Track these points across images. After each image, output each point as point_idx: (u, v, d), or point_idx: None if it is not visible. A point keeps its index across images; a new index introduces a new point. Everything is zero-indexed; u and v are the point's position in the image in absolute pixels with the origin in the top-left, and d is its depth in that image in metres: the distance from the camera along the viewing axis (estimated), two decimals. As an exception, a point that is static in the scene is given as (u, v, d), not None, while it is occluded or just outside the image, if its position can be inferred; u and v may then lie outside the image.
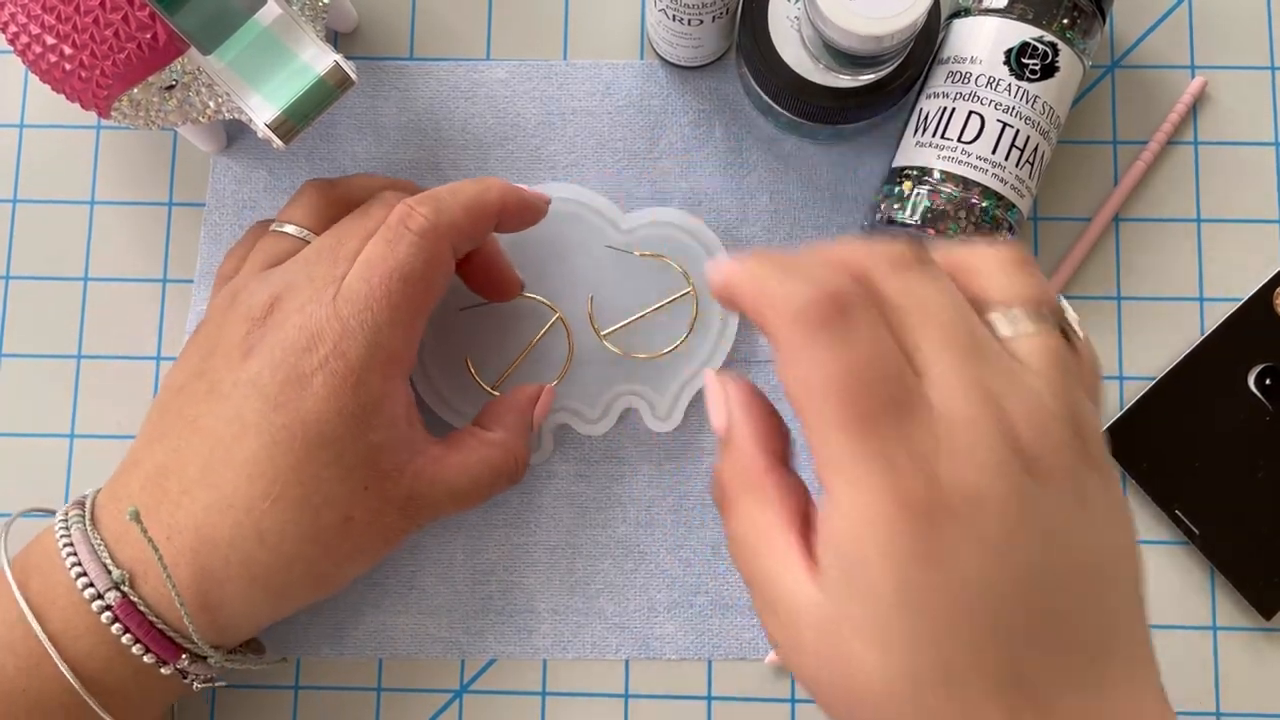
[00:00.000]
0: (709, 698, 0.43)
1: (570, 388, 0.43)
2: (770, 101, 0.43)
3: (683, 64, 0.45)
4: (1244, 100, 0.46)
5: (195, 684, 0.37)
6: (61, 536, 0.36)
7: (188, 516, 0.35)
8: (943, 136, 0.40)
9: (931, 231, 0.40)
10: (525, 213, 0.40)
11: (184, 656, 0.36)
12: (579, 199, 0.44)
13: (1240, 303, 0.44)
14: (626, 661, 0.43)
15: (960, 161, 0.40)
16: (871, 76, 0.40)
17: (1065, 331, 0.26)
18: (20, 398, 0.45)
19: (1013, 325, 0.26)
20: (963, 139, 0.40)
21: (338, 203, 0.40)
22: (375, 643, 0.43)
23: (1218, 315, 0.44)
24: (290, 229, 0.40)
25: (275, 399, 0.35)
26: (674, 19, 0.42)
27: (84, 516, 0.36)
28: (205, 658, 0.36)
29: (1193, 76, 0.46)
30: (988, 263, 0.26)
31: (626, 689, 0.43)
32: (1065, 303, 0.26)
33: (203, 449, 0.35)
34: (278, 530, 0.35)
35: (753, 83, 0.43)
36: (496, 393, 0.43)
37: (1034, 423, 0.24)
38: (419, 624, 0.43)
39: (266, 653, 0.42)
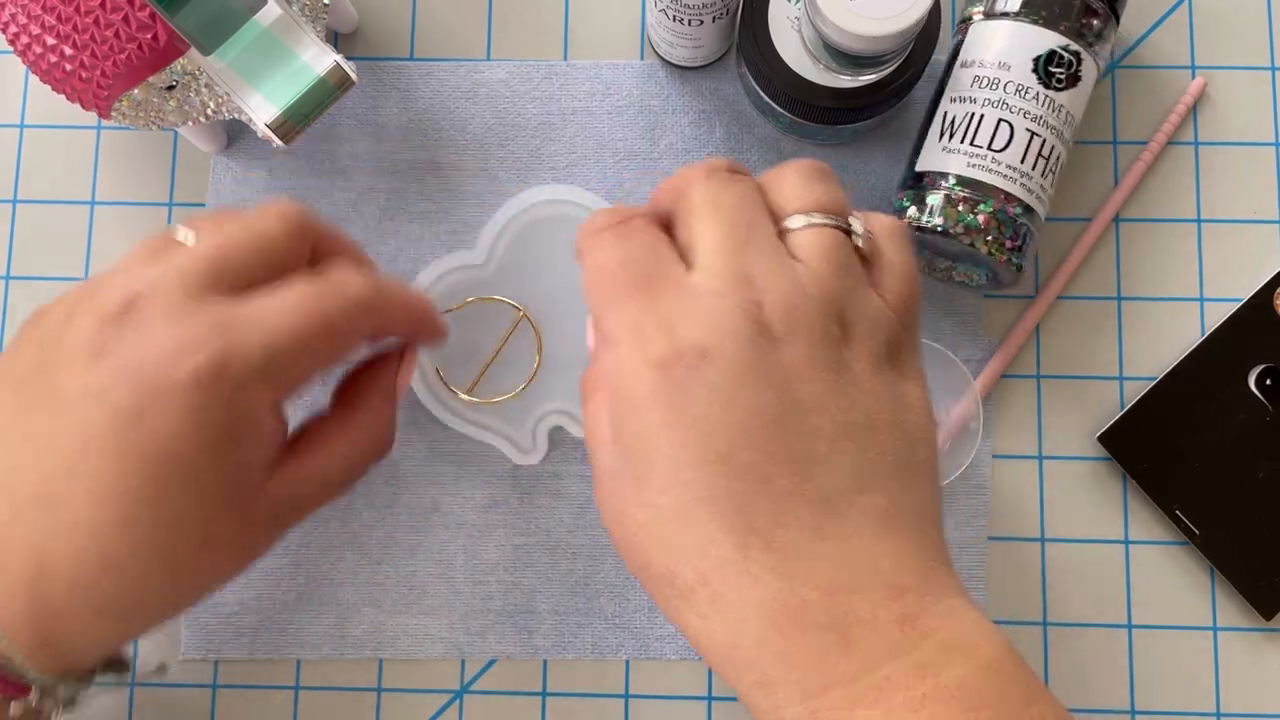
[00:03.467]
0: (709, 698, 0.43)
1: (566, 389, 0.43)
2: (770, 101, 0.43)
3: (683, 64, 0.45)
4: (1244, 100, 0.46)
5: (55, 714, 0.33)
6: None
7: (22, 543, 0.31)
8: (972, 143, 0.40)
9: (964, 240, 0.40)
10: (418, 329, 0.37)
11: (31, 693, 0.32)
12: (579, 200, 0.44)
13: (1240, 303, 0.44)
14: (626, 661, 0.43)
15: (990, 170, 0.40)
16: (872, 76, 0.40)
17: (850, 233, 0.31)
18: (20, 398, 0.45)
19: (793, 223, 0.30)
20: (992, 147, 0.40)
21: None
22: (375, 643, 0.43)
23: (1218, 315, 0.44)
24: (181, 235, 0.34)
25: (129, 411, 0.30)
26: (674, 19, 0.42)
27: None
28: (54, 687, 0.33)
29: (1193, 76, 0.46)
30: (788, 174, 0.31)
31: (626, 689, 0.43)
32: (862, 213, 0.31)
33: (40, 464, 0.31)
34: (127, 556, 0.31)
35: (753, 83, 0.43)
36: (471, 398, 0.43)
37: (783, 301, 0.29)
38: (419, 624, 0.43)
39: (131, 667, 0.38)
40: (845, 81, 0.40)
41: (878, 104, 0.41)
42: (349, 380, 0.38)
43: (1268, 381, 0.43)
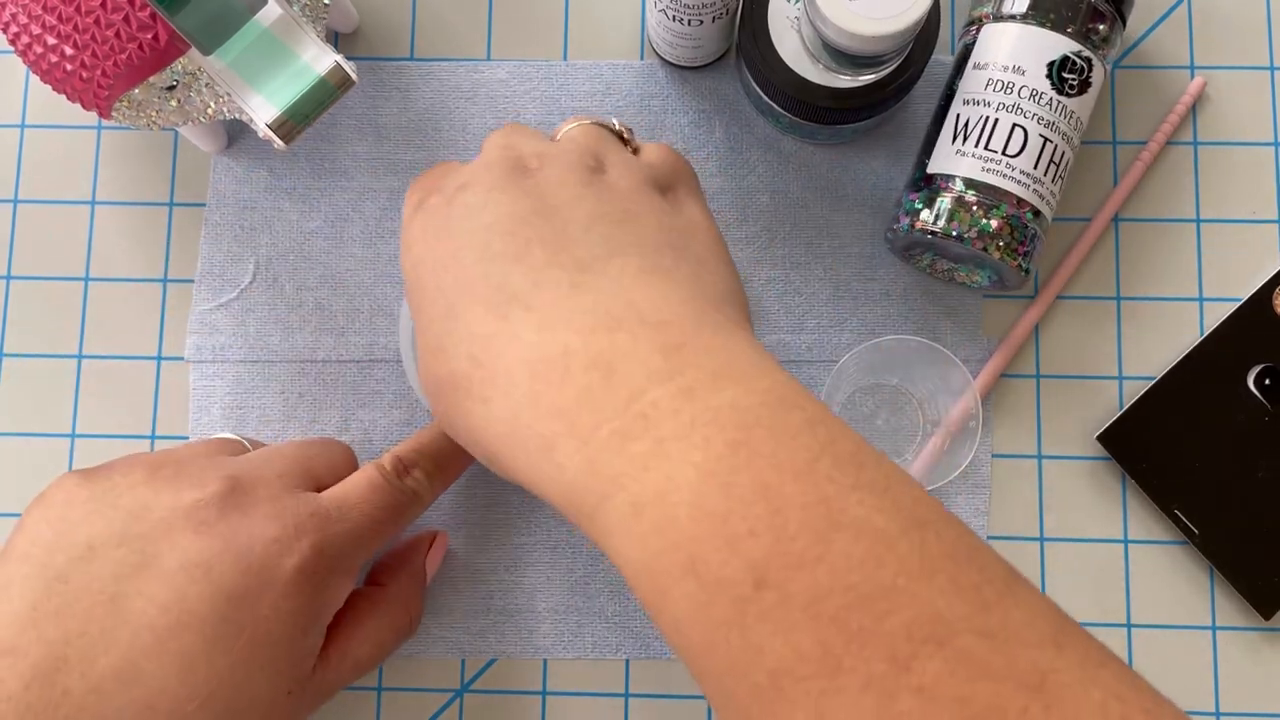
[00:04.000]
0: (709, 697, 0.43)
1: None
2: (770, 101, 0.43)
3: (683, 64, 0.45)
4: (1244, 100, 0.46)
5: None
6: None
7: (92, 717, 0.30)
8: (986, 147, 0.40)
9: (977, 245, 0.40)
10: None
11: None
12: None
13: (1240, 303, 0.44)
14: (626, 661, 0.43)
15: (1004, 175, 0.40)
16: (871, 76, 0.40)
17: (616, 131, 0.36)
18: (20, 398, 0.45)
19: (562, 129, 0.35)
20: (1007, 152, 0.40)
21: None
22: (376, 642, 0.43)
23: (1218, 315, 0.44)
24: (242, 439, 0.39)
25: (230, 590, 0.31)
26: (674, 19, 0.42)
27: None
28: None
29: (1192, 76, 0.46)
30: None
31: (626, 689, 0.43)
32: (616, 122, 0.36)
33: (123, 638, 0.30)
34: None
35: (753, 83, 0.43)
36: None
37: (538, 149, 0.33)
38: (419, 624, 0.43)
39: None
40: (845, 81, 0.40)
41: (877, 104, 0.41)
42: (382, 560, 0.41)
43: (1267, 381, 0.43)
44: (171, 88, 0.39)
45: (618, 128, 0.36)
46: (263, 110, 0.37)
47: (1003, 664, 0.22)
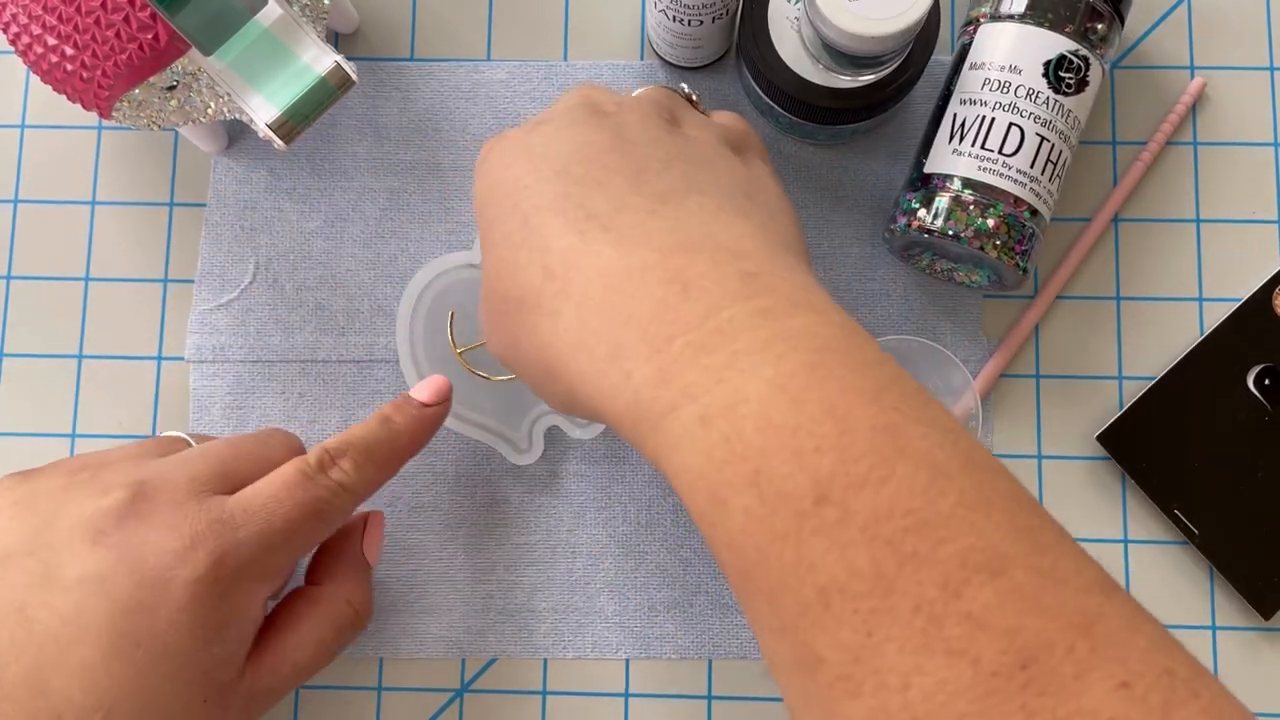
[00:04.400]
0: (709, 697, 0.43)
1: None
2: (770, 101, 0.43)
3: (683, 65, 0.45)
4: (1243, 101, 0.46)
5: None
6: None
7: None
8: (983, 147, 0.40)
9: (974, 244, 0.40)
10: (426, 436, 0.39)
11: None
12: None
13: (1240, 303, 0.44)
14: (626, 661, 0.43)
15: (1001, 174, 0.40)
16: (871, 77, 0.40)
17: (686, 95, 0.37)
18: (20, 398, 0.45)
19: (634, 92, 0.36)
20: (1003, 151, 0.40)
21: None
22: (375, 643, 0.43)
23: (1217, 315, 0.44)
24: (187, 437, 0.38)
25: (127, 604, 0.31)
26: (674, 20, 0.42)
27: None
28: None
29: (1192, 76, 0.46)
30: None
31: (626, 689, 0.43)
32: (686, 87, 0.38)
33: (30, 648, 0.31)
34: None
35: (753, 83, 0.43)
36: (491, 378, 0.42)
37: (616, 99, 0.34)
38: (419, 624, 0.43)
39: None
40: (844, 81, 0.40)
41: (877, 104, 0.41)
42: (317, 556, 0.39)
43: (1266, 381, 0.43)
44: (172, 88, 0.39)
45: (687, 91, 0.37)
46: (263, 110, 0.37)
47: (1053, 602, 0.23)
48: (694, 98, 0.37)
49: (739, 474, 0.25)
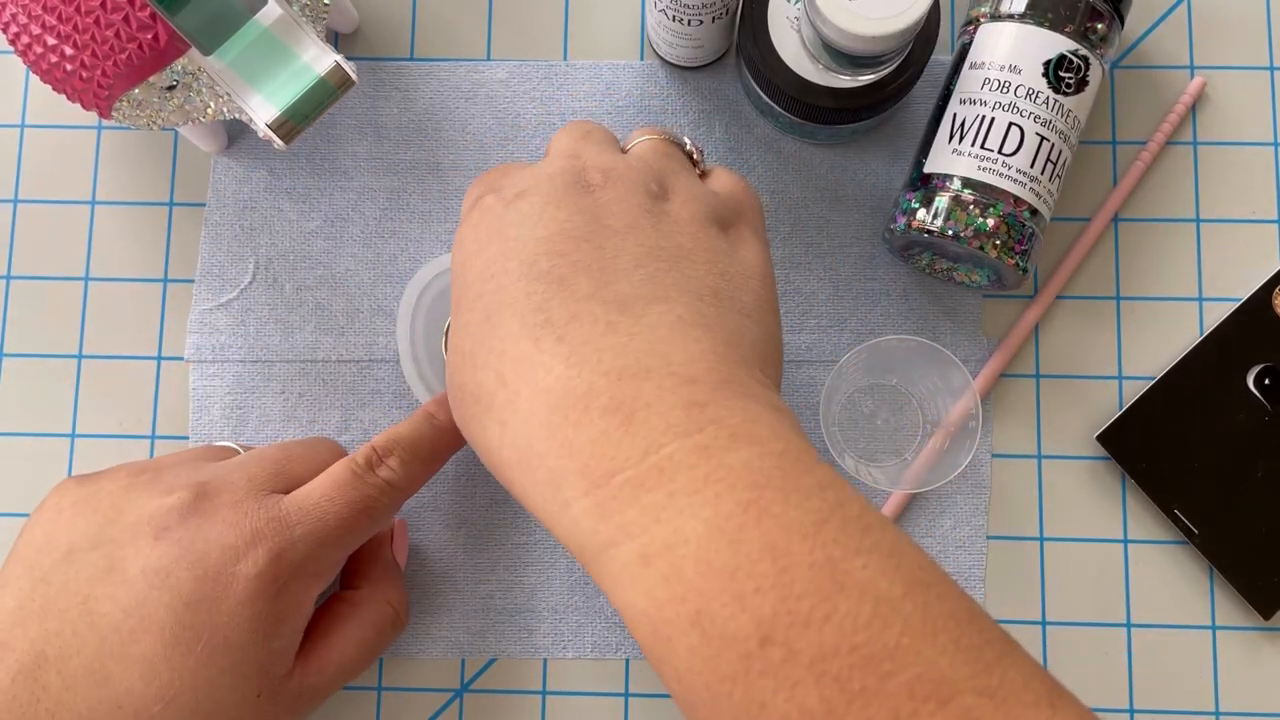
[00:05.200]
0: (709, 697, 0.43)
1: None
2: (770, 101, 0.43)
3: (683, 64, 0.45)
4: (1243, 100, 0.46)
5: None
6: None
7: (71, 717, 0.32)
8: (983, 146, 0.40)
9: (974, 244, 0.40)
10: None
11: None
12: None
13: (1240, 303, 0.44)
14: (626, 661, 0.43)
15: (1000, 174, 0.40)
16: (871, 77, 0.40)
17: (687, 152, 0.36)
18: (20, 398, 0.45)
19: (632, 142, 0.35)
20: (1003, 151, 0.40)
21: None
22: (375, 642, 0.43)
23: (1217, 315, 0.44)
24: (237, 446, 0.39)
25: (189, 598, 0.32)
26: (674, 19, 0.42)
27: None
28: None
29: (1192, 76, 0.46)
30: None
31: (626, 688, 0.43)
32: (689, 142, 0.36)
33: (93, 639, 0.32)
34: None
35: (753, 83, 0.43)
36: None
37: (603, 164, 0.33)
38: (419, 624, 0.43)
39: None
40: (844, 81, 0.40)
41: (877, 104, 0.41)
42: (351, 561, 0.40)
43: (1266, 381, 0.43)
44: (171, 88, 0.39)
45: (689, 148, 0.36)
46: (263, 110, 0.37)
47: None
48: (695, 156, 0.36)
49: (681, 614, 0.25)
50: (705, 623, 0.25)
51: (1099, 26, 0.41)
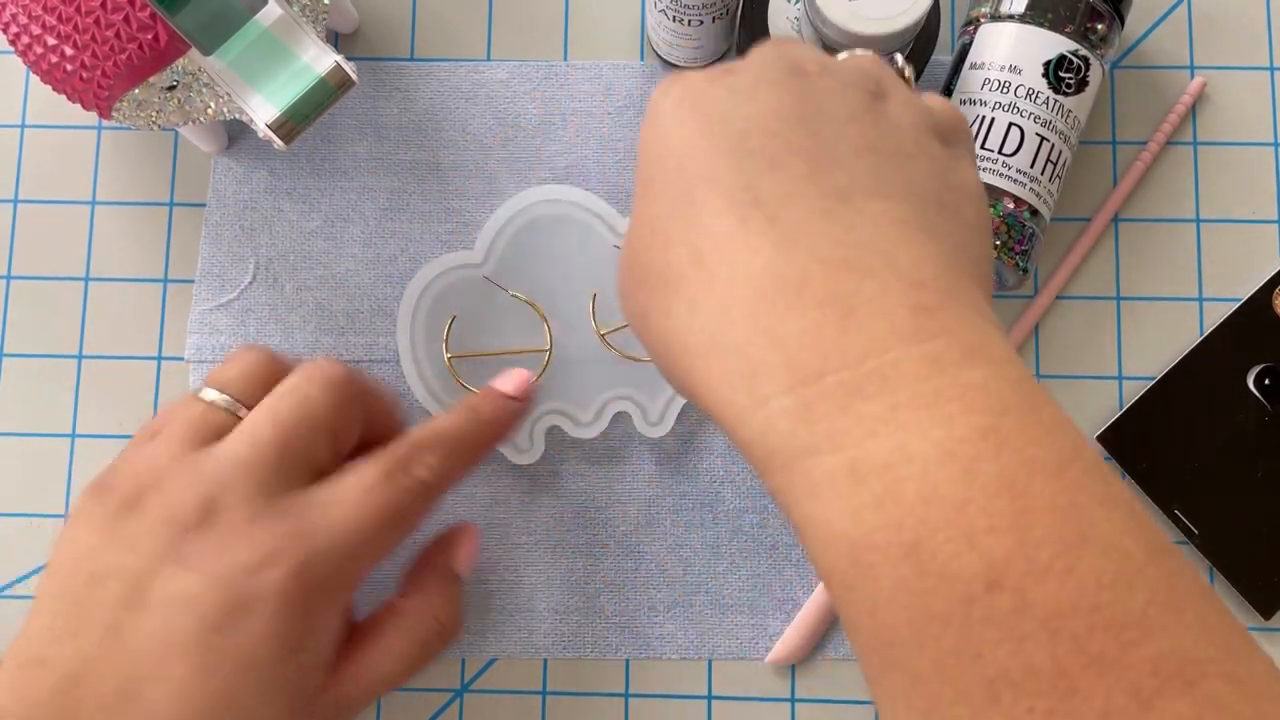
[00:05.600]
0: (709, 697, 0.43)
1: (564, 389, 0.43)
2: (770, 102, 0.43)
3: (683, 65, 0.45)
4: (1243, 100, 0.46)
5: None
6: None
7: None
8: (983, 146, 0.40)
9: None
10: (507, 431, 0.37)
11: None
12: (578, 200, 0.44)
13: (1240, 303, 0.44)
14: (626, 661, 0.43)
15: (1001, 174, 0.40)
16: (871, 77, 0.40)
17: (899, 69, 0.33)
18: (20, 398, 0.45)
19: (841, 56, 0.32)
20: (1003, 151, 0.40)
21: (277, 375, 0.35)
22: (376, 642, 0.43)
23: (1217, 315, 0.44)
24: (217, 398, 0.35)
25: (214, 622, 0.31)
26: (674, 20, 0.42)
27: None
28: None
29: (1192, 76, 0.46)
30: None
31: (626, 689, 0.43)
32: (900, 59, 0.33)
33: (124, 663, 0.31)
34: None
35: (753, 83, 0.43)
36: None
37: (819, 59, 0.30)
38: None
39: None
40: (845, 82, 0.40)
41: (877, 104, 0.41)
42: (410, 569, 0.38)
43: (1266, 381, 0.43)
44: (171, 88, 0.39)
45: (900, 65, 0.33)
46: (263, 110, 0.37)
47: (1251, 714, 0.21)
48: (907, 73, 0.32)
49: (893, 542, 0.23)
50: (924, 556, 0.22)
51: (1099, 27, 0.41)
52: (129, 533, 0.33)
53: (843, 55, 0.32)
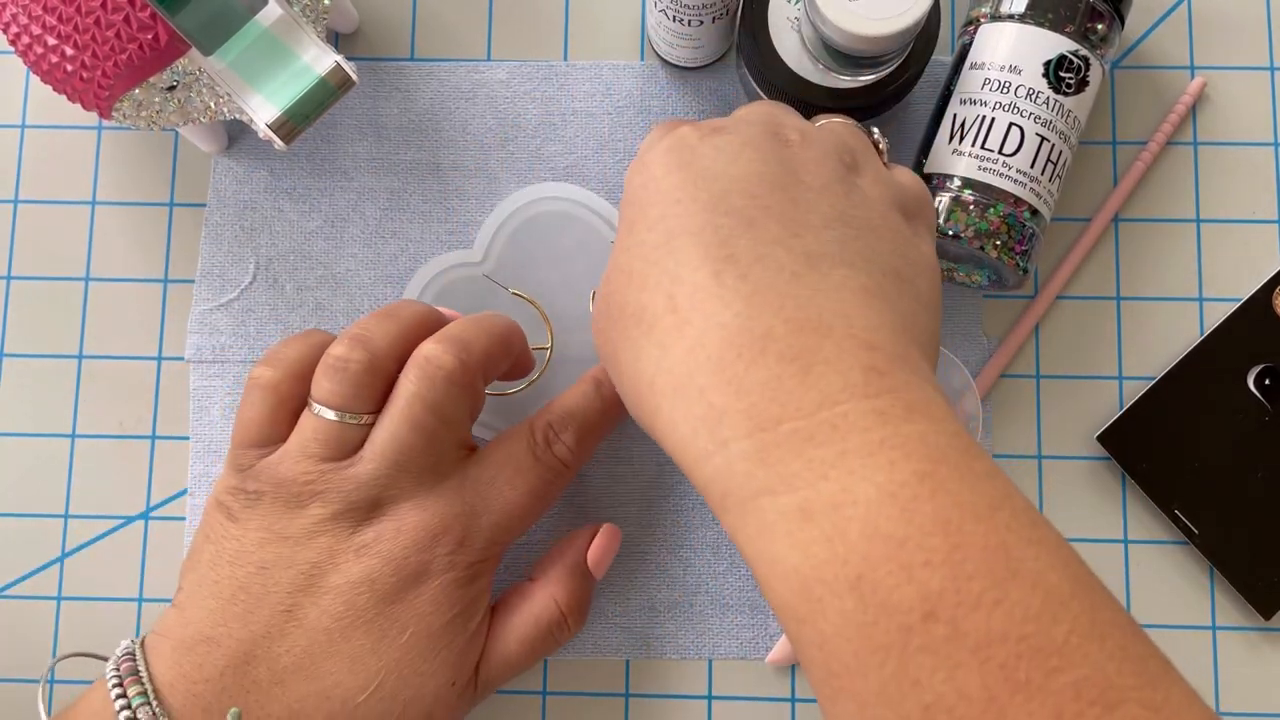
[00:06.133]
0: (709, 697, 0.43)
1: (565, 388, 0.43)
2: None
3: (683, 65, 0.45)
4: (1243, 100, 0.46)
5: None
6: (123, 714, 0.32)
7: (280, 708, 0.33)
8: (983, 147, 0.40)
9: (974, 244, 0.40)
10: (624, 416, 0.38)
11: None
12: (577, 198, 0.44)
13: (1240, 303, 0.44)
14: (627, 661, 0.43)
15: (1000, 174, 0.40)
16: (871, 77, 0.40)
17: (874, 141, 0.36)
18: (20, 398, 0.45)
19: (819, 120, 0.35)
20: (1003, 151, 0.40)
21: (376, 371, 0.36)
22: (376, 642, 0.43)
23: (1217, 315, 0.44)
24: (333, 415, 0.35)
25: (392, 596, 0.34)
26: (674, 20, 0.42)
27: (147, 696, 0.32)
28: None
29: (1192, 76, 0.46)
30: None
31: (626, 689, 0.43)
32: (876, 132, 0.36)
33: (301, 639, 0.33)
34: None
35: (753, 83, 0.43)
36: (488, 391, 0.42)
37: (800, 127, 0.33)
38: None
39: None
40: (845, 81, 0.40)
41: (877, 104, 0.41)
42: (543, 556, 0.40)
43: (1266, 381, 0.43)
44: (172, 88, 0.39)
45: (876, 137, 0.35)
46: (263, 110, 0.37)
47: None
48: (881, 145, 0.35)
49: (840, 576, 0.24)
50: (866, 589, 0.24)
51: (1099, 27, 0.41)
52: (296, 530, 0.34)
53: (821, 120, 0.34)
